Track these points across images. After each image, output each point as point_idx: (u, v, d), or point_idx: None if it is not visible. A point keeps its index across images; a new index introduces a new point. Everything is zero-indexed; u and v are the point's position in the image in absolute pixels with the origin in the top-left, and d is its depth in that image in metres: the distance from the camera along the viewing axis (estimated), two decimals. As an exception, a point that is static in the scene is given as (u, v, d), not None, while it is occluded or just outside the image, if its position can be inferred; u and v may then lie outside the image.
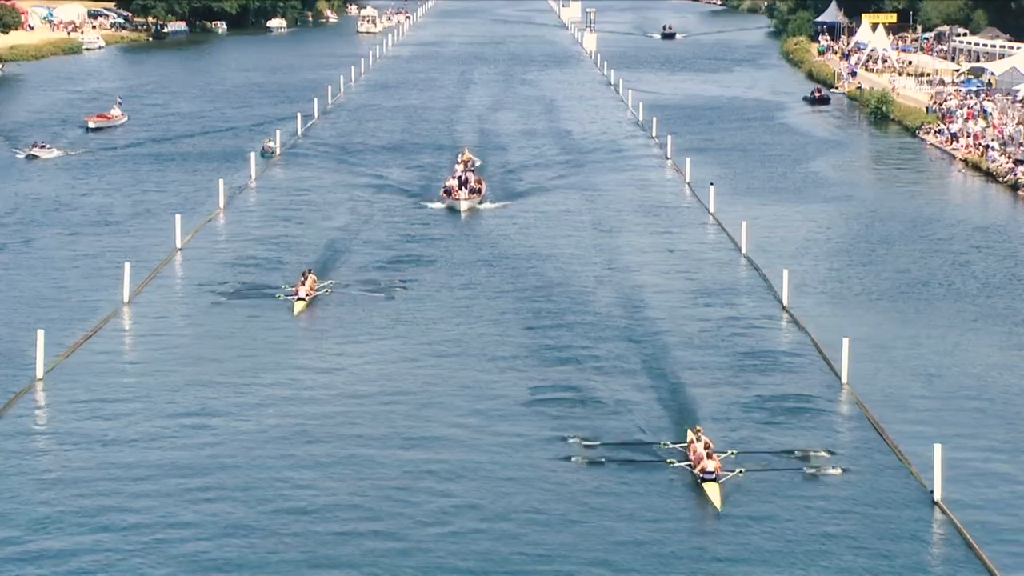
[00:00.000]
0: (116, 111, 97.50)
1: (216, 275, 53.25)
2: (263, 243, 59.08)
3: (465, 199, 66.34)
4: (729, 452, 34.14)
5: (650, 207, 68.64)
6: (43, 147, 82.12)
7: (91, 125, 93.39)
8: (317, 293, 48.97)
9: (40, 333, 41.06)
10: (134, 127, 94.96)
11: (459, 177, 68.66)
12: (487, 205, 67.44)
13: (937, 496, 32.37)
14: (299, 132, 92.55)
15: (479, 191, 68.19)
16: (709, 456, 32.84)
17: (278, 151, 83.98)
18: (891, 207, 68.85)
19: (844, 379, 40.85)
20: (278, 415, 37.67)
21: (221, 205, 66.80)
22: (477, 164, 76.01)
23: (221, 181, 68.75)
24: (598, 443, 35.19)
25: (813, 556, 29.76)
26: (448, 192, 67.54)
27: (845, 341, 41.22)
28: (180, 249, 57.73)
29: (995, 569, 28.98)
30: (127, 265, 50.11)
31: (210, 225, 63.27)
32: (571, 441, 35.32)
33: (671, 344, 44.49)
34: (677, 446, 34.75)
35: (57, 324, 45.23)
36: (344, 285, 50.61)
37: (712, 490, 32.06)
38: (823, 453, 34.82)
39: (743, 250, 57.94)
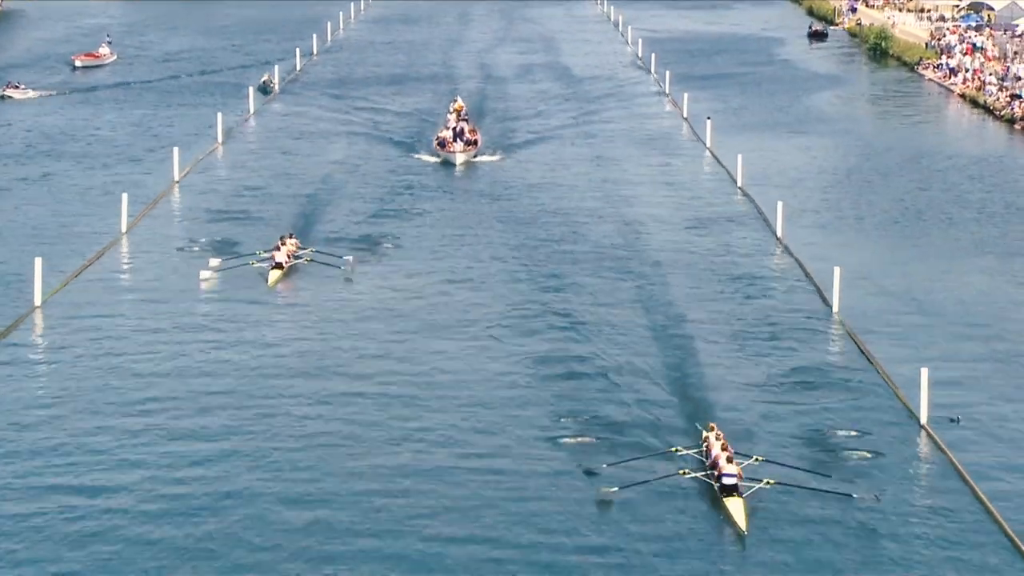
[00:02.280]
0: (104, 49, 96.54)
1: (214, 206, 53.74)
2: (260, 176, 59.27)
3: (460, 152, 62.51)
4: (754, 459, 29.82)
5: (648, 143, 68.69)
6: (17, 87, 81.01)
7: (78, 64, 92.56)
8: (296, 260, 44.98)
9: (38, 261, 41.50)
10: (123, 65, 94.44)
11: (453, 128, 65.22)
12: (483, 158, 63.70)
13: (923, 419, 32.76)
14: (298, 68, 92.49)
15: (475, 143, 64.37)
16: (729, 460, 28.76)
17: (276, 86, 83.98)
18: (887, 140, 69.08)
19: (835, 308, 41.20)
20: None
21: (219, 139, 66.95)
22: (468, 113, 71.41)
23: (220, 115, 68.87)
24: (614, 462, 30.21)
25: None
26: (442, 144, 63.70)
27: (836, 270, 41.55)
28: (178, 182, 57.99)
29: (979, 490, 29.33)
30: (124, 196, 50.41)
31: (208, 158, 63.54)
32: (593, 471, 30.08)
33: (668, 280, 44.55)
34: (691, 452, 30.47)
35: (56, 253, 45.65)
36: (326, 250, 46.37)
37: (735, 505, 27.79)
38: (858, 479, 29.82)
39: (739, 182, 58.22)
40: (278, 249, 44.41)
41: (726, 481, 28.03)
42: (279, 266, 43.81)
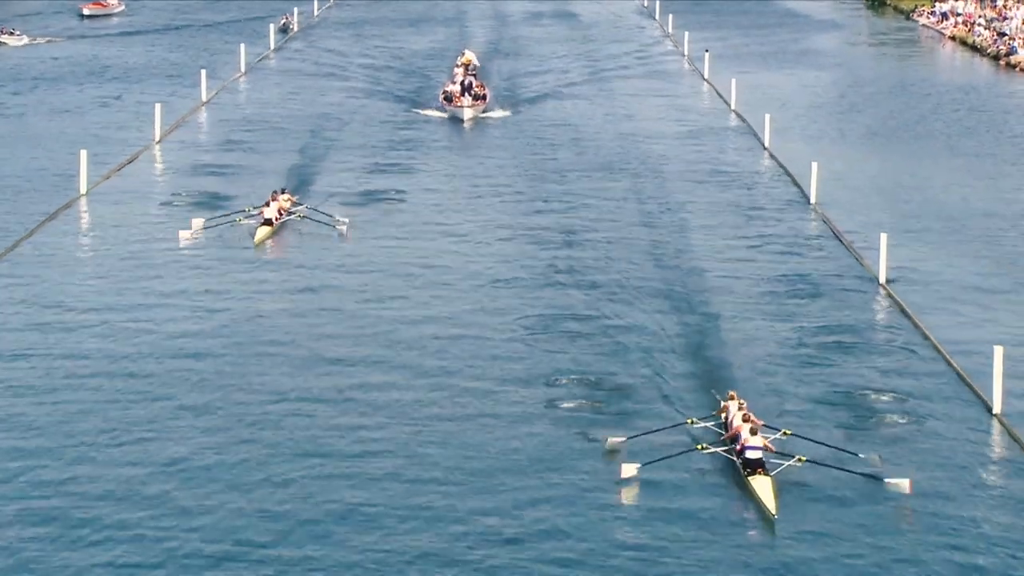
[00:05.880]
0: None
1: (237, 124, 57.72)
2: (277, 104, 62.83)
3: (469, 106, 59.58)
4: (782, 432, 26.14)
5: (651, 78, 72.03)
6: (12, 34, 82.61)
7: (86, 12, 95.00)
8: (288, 217, 41.62)
9: (83, 153, 45.47)
10: (133, 14, 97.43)
11: (461, 82, 62.06)
12: (492, 113, 61.09)
13: (882, 279, 36.45)
14: (315, 13, 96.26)
15: (483, 98, 61.49)
16: (753, 432, 25.07)
17: (295, 27, 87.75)
18: (876, 73, 73.00)
19: (813, 199, 44.82)
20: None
21: (242, 69, 70.85)
22: (478, 66, 69.00)
23: (243, 46, 72.78)
24: (622, 439, 26.27)
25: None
26: (449, 99, 60.91)
27: (814, 165, 45.21)
28: (205, 103, 61.92)
29: (936, 340, 32.53)
30: (158, 106, 54.34)
31: (232, 85, 67.58)
32: (598, 441, 26.43)
33: (665, 182, 47.87)
34: (708, 424, 26.79)
35: (98, 153, 49.25)
36: (322, 208, 42.88)
37: (762, 485, 24.05)
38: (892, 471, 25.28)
39: (732, 105, 61.91)
40: (268, 205, 41.03)
41: (750, 455, 24.53)
42: (268, 223, 40.32)
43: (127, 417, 27.16)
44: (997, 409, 27.77)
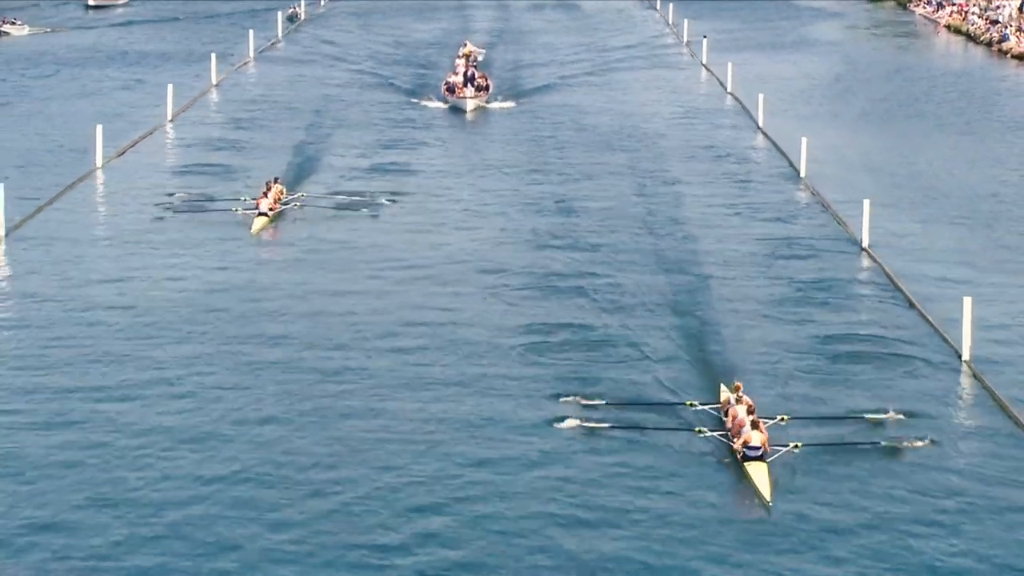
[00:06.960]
0: None
1: (245, 105, 59.50)
2: (284, 89, 64.47)
3: (471, 97, 59.26)
4: (779, 418, 26.05)
5: (652, 68, 73.41)
6: (13, 23, 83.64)
7: (91, 3, 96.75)
8: (283, 207, 41.30)
9: (99, 128, 47.24)
10: (139, 4, 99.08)
11: (464, 73, 61.74)
12: (495, 104, 60.86)
13: (865, 243, 38.08)
14: (322, 2, 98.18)
15: (486, 88, 61.15)
16: (755, 425, 24.71)
17: (303, 16, 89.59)
18: (871, 59, 74.80)
19: (802, 172, 46.45)
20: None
21: (251, 55, 72.72)
22: (479, 59, 69.58)
23: (251, 31, 74.62)
24: (600, 402, 26.87)
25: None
26: (451, 89, 60.39)
27: (803, 140, 46.84)
28: (216, 85, 63.75)
29: (912, 297, 34.16)
30: (170, 87, 56.12)
31: (242, 69, 69.55)
32: (565, 400, 26.97)
33: (665, 161, 49.40)
34: (707, 407, 26.54)
35: (112, 130, 50.94)
36: (318, 196, 43.02)
37: (758, 471, 24.05)
38: (901, 416, 26.46)
39: (728, 88, 63.57)
40: (265, 195, 40.78)
41: (750, 453, 24.40)
42: (263, 214, 39.99)
43: (137, 382, 27.96)
44: (966, 356, 29.30)
